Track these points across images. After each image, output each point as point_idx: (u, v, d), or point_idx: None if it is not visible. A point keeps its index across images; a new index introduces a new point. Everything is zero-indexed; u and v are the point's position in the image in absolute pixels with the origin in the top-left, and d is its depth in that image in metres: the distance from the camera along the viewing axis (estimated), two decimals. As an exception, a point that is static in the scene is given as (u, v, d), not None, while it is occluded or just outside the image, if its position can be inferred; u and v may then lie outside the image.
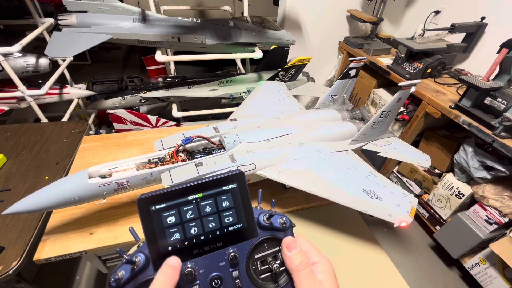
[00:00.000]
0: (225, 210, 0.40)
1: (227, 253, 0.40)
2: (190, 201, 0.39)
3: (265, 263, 0.41)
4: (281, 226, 0.43)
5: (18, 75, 1.67)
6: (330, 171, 1.02)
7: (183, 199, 0.38)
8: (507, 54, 1.44)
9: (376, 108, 2.36)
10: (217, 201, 0.40)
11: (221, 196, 0.40)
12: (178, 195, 0.38)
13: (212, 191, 0.40)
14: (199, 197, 0.39)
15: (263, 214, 0.43)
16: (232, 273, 0.39)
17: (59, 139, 1.45)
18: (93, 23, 1.62)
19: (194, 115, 2.18)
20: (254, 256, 0.41)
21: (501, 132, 1.48)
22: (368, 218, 1.11)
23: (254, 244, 0.41)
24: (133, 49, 4.70)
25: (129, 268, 0.36)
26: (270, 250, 0.42)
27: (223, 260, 0.40)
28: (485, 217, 1.64)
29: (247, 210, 0.42)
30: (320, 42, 2.70)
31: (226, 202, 0.40)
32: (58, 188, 0.81)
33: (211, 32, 1.87)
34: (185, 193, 0.38)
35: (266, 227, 0.43)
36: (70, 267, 1.77)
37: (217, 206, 0.40)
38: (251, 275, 0.40)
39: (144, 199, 0.36)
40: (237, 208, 0.41)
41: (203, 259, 0.39)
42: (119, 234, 0.96)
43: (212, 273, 0.39)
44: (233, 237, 0.41)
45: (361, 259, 1.00)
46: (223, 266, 0.39)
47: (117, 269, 0.36)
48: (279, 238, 0.43)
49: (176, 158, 0.93)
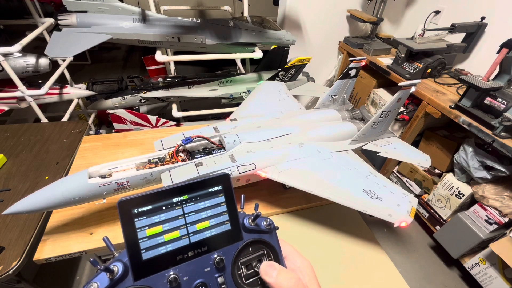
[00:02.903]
0: (210, 213, 0.39)
1: (212, 258, 0.38)
2: (174, 203, 0.37)
3: (250, 268, 0.40)
4: (266, 228, 0.42)
5: (18, 75, 1.67)
6: (330, 171, 1.02)
7: (167, 201, 0.37)
8: (507, 54, 1.44)
9: (376, 108, 2.36)
10: (202, 203, 0.39)
11: (206, 199, 0.39)
12: (162, 197, 0.36)
13: (197, 193, 0.38)
14: (184, 199, 0.38)
15: (247, 217, 0.42)
16: (217, 278, 0.38)
17: (59, 139, 1.45)
18: (93, 23, 1.62)
19: (194, 115, 2.18)
20: (239, 260, 0.40)
21: (501, 132, 1.48)
22: (368, 218, 1.11)
23: (239, 247, 0.40)
24: (133, 49, 4.70)
25: (106, 278, 0.33)
26: (255, 254, 0.41)
27: (208, 266, 0.38)
28: (485, 217, 1.64)
29: (232, 212, 0.40)
30: (320, 42, 2.70)
31: (212, 204, 0.39)
32: (58, 188, 0.81)
33: (211, 32, 1.87)
34: (170, 195, 0.37)
35: (251, 230, 0.42)
36: (70, 267, 1.77)
37: (202, 209, 0.39)
38: (236, 280, 0.39)
39: (126, 201, 0.34)
40: (222, 211, 0.40)
41: (187, 265, 0.37)
42: (119, 234, 0.96)
43: (197, 279, 0.37)
44: (218, 241, 0.39)
45: (361, 259, 1.00)
46: (208, 272, 0.38)
47: (90, 281, 0.33)
48: (264, 240, 0.42)
49: (176, 158, 0.93)
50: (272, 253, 0.42)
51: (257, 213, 0.41)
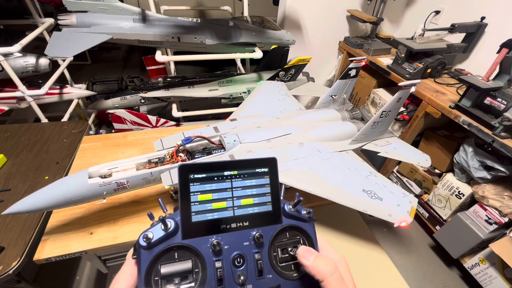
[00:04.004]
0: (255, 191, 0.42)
1: (251, 234, 0.40)
2: (225, 176, 0.40)
3: (286, 252, 0.41)
4: (306, 216, 0.43)
5: (18, 75, 1.67)
6: (330, 171, 1.02)
7: (219, 172, 0.40)
8: (507, 54, 1.44)
9: (376, 108, 2.36)
10: (249, 181, 0.41)
11: (253, 178, 0.42)
12: (216, 168, 0.40)
13: (246, 171, 0.41)
14: (234, 174, 0.41)
15: (288, 203, 0.44)
16: (255, 254, 0.40)
17: (59, 139, 1.45)
18: (93, 23, 1.62)
19: (194, 115, 2.18)
20: (276, 242, 0.42)
21: (501, 132, 1.48)
22: (368, 218, 1.11)
23: (278, 229, 0.42)
24: (133, 49, 4.70)
25: (160, 230, 0.37)
26: (292, 239, 0.42)
27: (247, 240, 0.40)
28: (485, 217, 1.64)
29: (275, 195, 0.43)
30: (320, 42, 2.70)
31: (257, 184, 0.42)
32: (58, 188, 0.81)
33: (211, 32, 1.87)
34: (222, 168, 0.40)
35: (291, 215, 0.43)
36: (70, 267, 1.77)
37: (248, 186, 0.41)
38: (272, 261, 0.40)
39: (185, 165, 0.38)
40: (266, 192, 0.42)
41: (229, 236, 0.39)
42: (119, 234, 0.96)
43: (236, 250, 0.39)
44: (259, 219, 0.41)
45: (361, 259, 1.00)
46: (247, 246, 0.40)
47: (147, 230, 0.36)
48: (302, 228, 0.43)
49: (176, 158, 0.93)
50: (308, 241, 0.43)
51: (298, 199, 0.43)
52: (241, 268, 0.38)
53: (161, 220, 0.37)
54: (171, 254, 0.37)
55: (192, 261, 0.37)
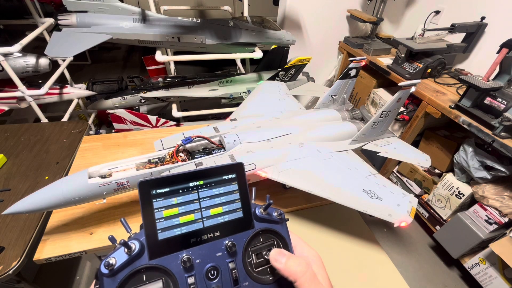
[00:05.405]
0: (224, 199, 0.40)
1: (224, 243, 0.39)
2: (191, 188, 0.39)
3: (260, 256, 0.41)
4: (277, 218, 0.43)
5: (18, 75, 1.67)
6: (330, 171, 1.02)
7: (184, 184, 0.38)
8: (507, 54, 1.44)
9: (376, 108, 2.36)
10: (216, 189, 0.40)
11: (220, 185, 0.40)
12: (180, 181, 0.38)
13: (212, 179, 0.40)
14: (200, 184, 0.39)
15: (259, 207, 0.43)
16: (228, 264, 0.39)
17: (59, 139, 1.45)
18: (93, 23, 1.62)
19: (194, 115, 2.18)
20: (250, 248, 0.41)
21: (501, 132, 1.48)
22: (368, 218, 1.11)
23: (250, 235, 0.41)
24: (133, 49, 4.70)
25: (123, 254, 0.35)
26: (266, 243, 0.42)
27: (220, 251, 0.39)
28: (485, 217, 1.64)
29: (244, 200, 0.42)
30: (320, 42, 2.70)
31: (226, 191, 0.41)
32: (58, 188, 0.81)
33: (211, 32, 1.87)
34: (187, 179, 0.39)
35: (263, 219, 0.42)
36: (70, 267, 1.77)
37: (216, 195, 0.40)
38: (247, 267, 0.40)
39: (146, 182, 0.36)
40: (235, 198, 0.41)
41: (200, 249, 0.38)
42: (119, 234, 0.96)
43: (209, 263, 0.38)
44: (230, 227, 0.40)
45: (361, 259, 1.00)
46: (220, 256, 0.39)
47: (109, 256, 0.34)
48: (275, 230, 0.43)
49: (176, 158, 0.93)
50: (281, 243, 0.43)
51: (268, 202, 0.42)
52: (215, 280, 0.37)
53: (123, 243, 0.34)
54: (139, 277, 0.35)
55: (163, 280, 0.35)
